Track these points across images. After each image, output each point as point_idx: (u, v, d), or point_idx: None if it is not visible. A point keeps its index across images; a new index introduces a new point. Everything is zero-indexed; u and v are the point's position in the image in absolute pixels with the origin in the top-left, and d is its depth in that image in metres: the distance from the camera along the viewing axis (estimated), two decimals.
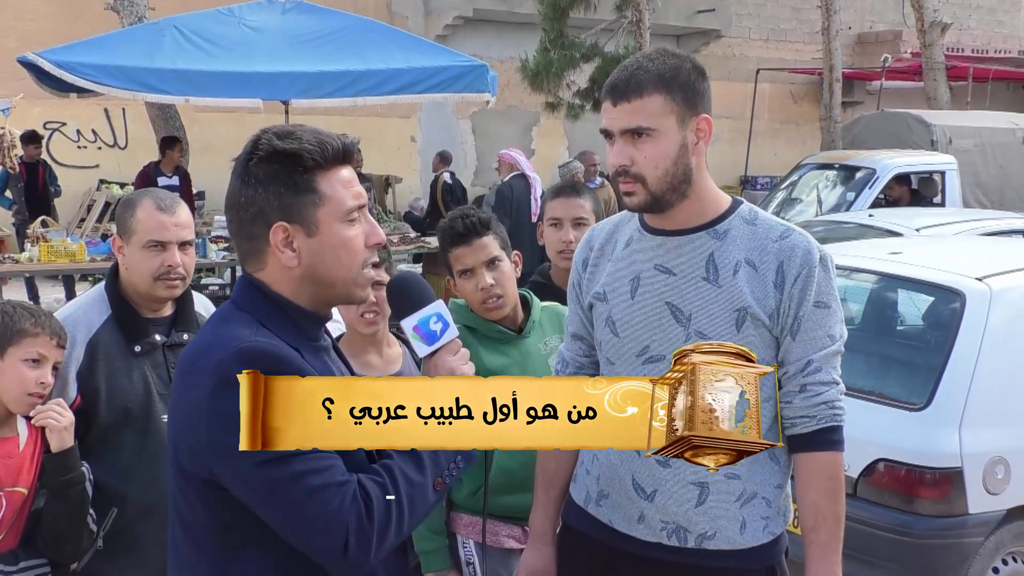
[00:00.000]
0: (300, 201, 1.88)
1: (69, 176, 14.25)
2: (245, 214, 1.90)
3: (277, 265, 1.91)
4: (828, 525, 2.36)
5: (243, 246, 1.95)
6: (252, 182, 1.88)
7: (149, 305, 3.01)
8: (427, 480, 1.87)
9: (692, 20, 20.00)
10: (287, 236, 1.88)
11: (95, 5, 12.52)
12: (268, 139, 1.89)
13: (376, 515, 1.78)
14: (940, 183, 11.52)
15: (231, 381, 1.71)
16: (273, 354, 1.79)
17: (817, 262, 2.34)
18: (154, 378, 2.95)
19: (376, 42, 9.93)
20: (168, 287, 2.96)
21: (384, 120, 16.89)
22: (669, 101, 2.28)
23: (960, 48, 22.07)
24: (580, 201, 3.77)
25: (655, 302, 2.37)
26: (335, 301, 2.00)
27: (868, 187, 11.05)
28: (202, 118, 14.13)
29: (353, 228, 1.93)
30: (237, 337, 1.82)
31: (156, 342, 2.99)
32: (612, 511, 2.48)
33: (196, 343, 1.96)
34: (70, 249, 9.16)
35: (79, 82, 8.88)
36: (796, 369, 2.35)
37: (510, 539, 3.05)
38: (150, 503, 2.89)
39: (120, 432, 2.92)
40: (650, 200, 2.32)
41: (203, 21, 9.67)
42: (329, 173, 1.90)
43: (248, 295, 1.94)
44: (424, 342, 2.02)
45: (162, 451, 2.80)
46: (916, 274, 4.94)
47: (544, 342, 3.14)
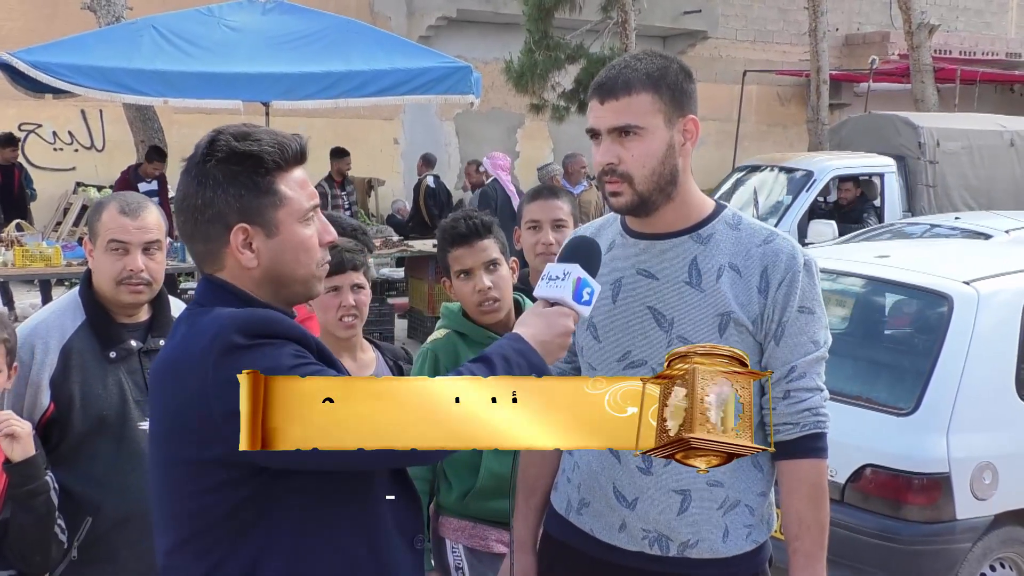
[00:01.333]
0: (261, 203, 1.89)
1: (45, 179, 14.14)
2: (202, 216, 1.90)
3: (236, 266, 1.92)
4: (812, 533, 2.34)
5: (198, 248, 1.95)
6: (210, 183, 1.88)
7: (122, 310, 2.95)
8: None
9: (678, 21, 19.99)
10: (247, 237, 1.89)
11: (71, 4, 12.41)
12: (226, 140, 1.89)
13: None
14: (879, 185, 11.56)
15: (233, 347, 1.75)
16: (265, 315, 1.84)
17: (801, 267, 2.33)
18: (130, 385, 2.90)
19: (358, 43, 9.85)
20: (131, 292, 2.90)
21: (367, 122, 16.84)
22: (657, 100, 2.27)
23: (947, 50, 22.11)
24: (559, 203, 3.73)
25: (637, 307, 2.36)
26: (294, 299, 2.01)
27: (806, 190, 11.04)
28: (181, 120, 14.00)
29: (309, 228, 1.95)
30: (223, 313, 1.83)
31: (131, 348, 2.93)
32: (593, 520, 2.46)
33: (172, 349, 1.93)
34: (46, 253, 9.06)
35: (55, 83, 8.77)
36: (780, 375, 2.33)
37: (499, 543, 3.04)
38: (126, 513, 2.84)
39: (95, 440, 2.87)
40: (636, 200, 2.30)
41: (182, 21, 9.57)
42: (287, 174, 1.93)
43: (214, 293, 1.93)
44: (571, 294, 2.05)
45: (138, 460, 2.79)
46: (903, 278, 4.95)
47: None
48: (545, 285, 2.08)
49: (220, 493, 1.83)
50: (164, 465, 1.92)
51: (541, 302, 2.08)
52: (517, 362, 1.89)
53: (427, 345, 3.07)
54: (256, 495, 1.83)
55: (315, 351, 1.87)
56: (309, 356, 1.83)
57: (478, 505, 3.02)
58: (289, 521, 1.86)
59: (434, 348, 3.07)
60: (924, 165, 12.65)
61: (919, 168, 12.65)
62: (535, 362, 1.92)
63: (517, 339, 1.96)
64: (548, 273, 2.10)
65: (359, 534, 1.93)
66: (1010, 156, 13.28)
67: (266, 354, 1.77)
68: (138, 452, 2.81)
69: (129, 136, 12.22)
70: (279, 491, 1.83)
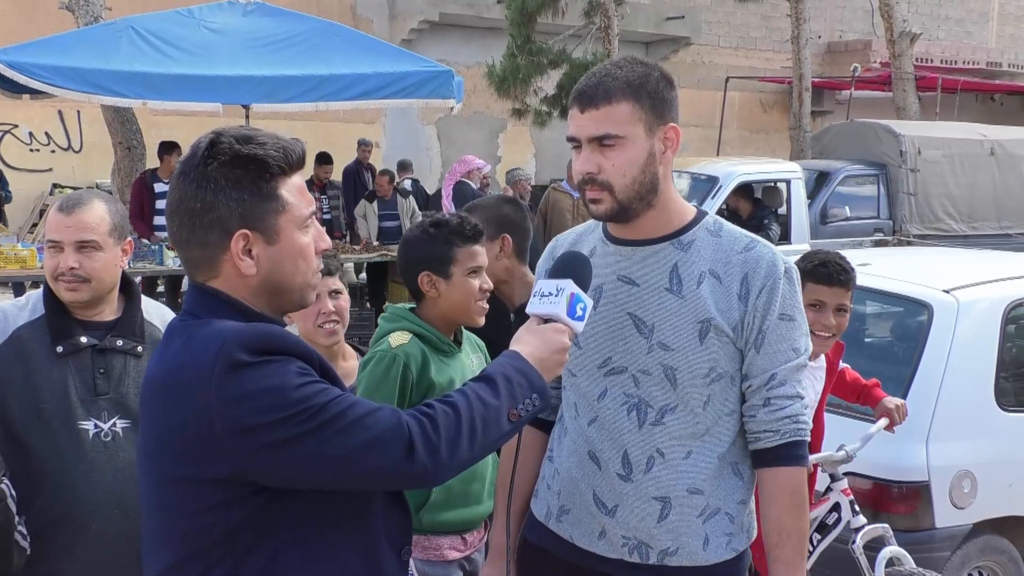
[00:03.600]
0: (263, 208, 1.84)
1: (20, 180, 14.04)
2: (200, 220, 1.82)
3: (233, 273, 1.85)
4: (792, 541, 2.33)
5: (194, 253, 1.87)
6: (211, 187, 1.81)
7: (79, 308, 2.90)
8: (501, 405, 1.88)
9: (661, 27, 20.02)
10: (247, 244, 1.83)
11: (49, 4, 12.27)
12: (228, 143, 1.83)
13: (442, 427, 1.79)
14: (785, 192, 11.33)
15: (236, 364, 1.71)
16: (267, 331, 1.79)
17: (782, 274, 2.33)
18: (76, 382, 2.83)
19: (340, 46, 9.78)
20: (68, 290, 2.85)
21: (348, 125, 16.77)
22: (637, 109, 2.26)
23: (929, 59, 22.24)
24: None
25: (617, 313, 2.35)
26: (288, 308, 1.96)
27: (711, 196, 10.75)
28: (160, 121, 13.89)
29: (307, 235, 1.91)
30: (223, 330, 1.78)
31: (81, 344, 2.86)
32: (573, 527, 2.46)
33: (166, 363, 1.86)
34: (20, 255, 8.95)
35: (32, 83, 8.65)
36: (760, 383, 2.33)
37: (452, 550, 3.08)
38: (62, 513, 2.76)
39: (30, 433, 2.78)
40: (616, 208, 2.30)
41: (161, 22, 9.46)
42: (288, 180, 1.88)
43: (205, 303, 1.87)
44: (565, 310, 2.06)
45: (79, 460, 2.74)
46: (884, 286, 4.94)
47: (471, 359, 3.18)
48: (539, 301, 2.09)
49: (220, 512, 1.79)
50: (157, 483, 1.86)
51: (535, 319, 2.08)
52: (519, 382, 1.92)
53: (394, 349, 2.96)
54: (256, 514, 1.79)
55: (318, 367, 1.84)
56: (313, 373, 1.80)
57: (431, 518, 3.03)
58: (291, 541, 1.82)
59: (405, 356, 2.96)
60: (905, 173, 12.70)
61: (900, 176, 12.71)
62: (535, 382, 1.94)
63: (517, 357, 1.97)
64: (540, 289, 2.11)
65: (359, 550, 1.91)
66: (990, 165, 13.36)
67: (272, 371, 1.74)
68: (80, 452, 2.76)
69: (107, 137, 12.08)
70: (280, 510, 1.80)
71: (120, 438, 2.82)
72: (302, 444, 1.72)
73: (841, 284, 3.64)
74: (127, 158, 11.65)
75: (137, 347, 2.90)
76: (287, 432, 1.71)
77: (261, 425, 1.70)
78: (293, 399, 1.72)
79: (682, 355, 2.29)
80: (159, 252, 9.52)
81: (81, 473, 2.76)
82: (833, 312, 3.64)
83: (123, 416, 2.83)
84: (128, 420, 2.82)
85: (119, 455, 2.79)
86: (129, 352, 2.89)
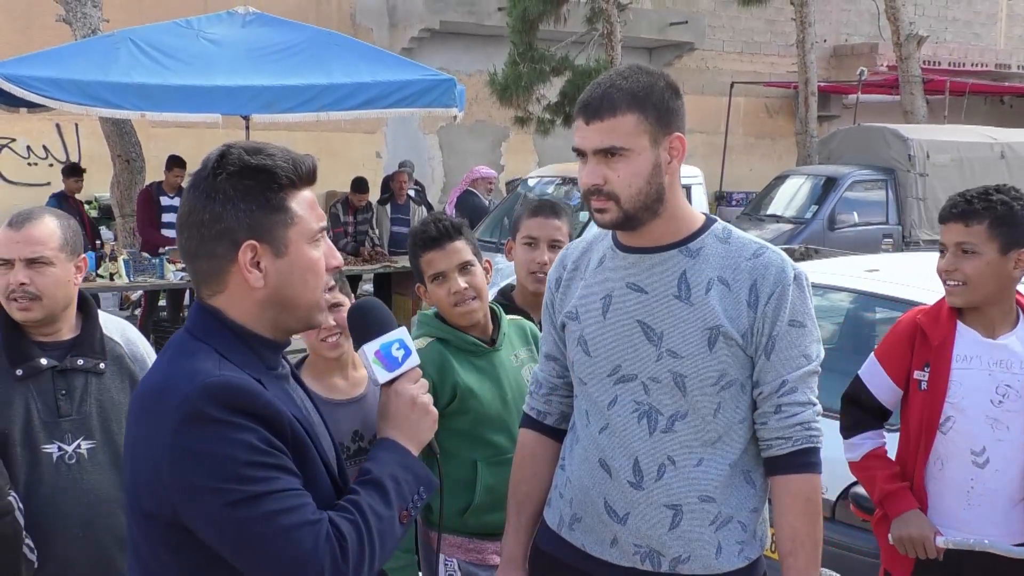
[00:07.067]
0: (271, 220, 1.82)
1: (18, 194, 14.04)
2: (209, 231, 1.81)
3: (240, 287, 1.83)
4: (806, 549, 2.34)
5: (202, 265, 1.85)
6: (220, 198, 1.80)
7: (35, 328, 2.84)
8: (394, 513, 1.87)
9: (665, 33, 19.94)
10: (255, 255, 1.81)
11: (46, 17, 12.29)
12: (238, 154, 1.82)
13: (350, 554, 1.76)
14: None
15: (198, 416, 1.69)
16: (239, 387, 1.74)
17: (791, 280, 2.34)
18: (37, 404, 2.78)
19: (340, 55, 9.74)
20: (20, 309, 2.79)
21: (349, 135, 16.75)
22: (643, 120, 2.27)
23: (936, 61, 22.15)
24: (558, 222, 3.65)
25: (627, 320, 2.37)
26: (295, 327, 1.93)
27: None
28: (159, 133, 13.89)
29: (317, 250, 1.89)
30: (200, 371, 1.75)
31: (40, 366, 2.81)
32: (585, 535, 2.48)
33: (153, 378, 1.85)
34: None
35: (30, 96, 8.61)
36: (771, 389, 2.34)
37: (495, 555, 3.04)
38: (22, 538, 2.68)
39: None
40: (622, 218, 2.32)
41: (160, 34, 9.42)
42: (298, 193, 1.86)
43: (205, 324, 1.86)
44: (385, 368, 2.03)
45: (43, 482, 2.72)
46: (893, 292, 4.91)
47: (515, 354, 3.17)
48: (370, 376, 2.06)
49: (173, 551, 1.77)
50: (128, 504, 1.84)
51: (382, 391, 2.05)
52: (405, 479, 1.91)
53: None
54: (206, 565, 1.76)
55: (288, 432, 1.78)
56: (271, 451, 1.73)
57: (476, 520, 3.03)
58: None
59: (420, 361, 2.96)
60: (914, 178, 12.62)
61: (909, 181, 12.62)
62: (420, 475, 1.95)
63: (396, 449, 1.96)
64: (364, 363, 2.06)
65: None
66: (1000, 168, 13.26)
67: (229, 437, 1.70)
68: (43, 476, 2.73)
69: (105, 150, 12.05)
70: (229, 566, 1.76)
71: (85, 460, 2.79)
72: (225, 521, 1.70)
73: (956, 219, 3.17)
74: (126, 171, 11.64)
75: (99, 364, 2.86)
76: (217, 502, 1.68)
77: (198, 486, 1.68)
78: (235, 475, 1.68)
79: (691, 362, 2.29)
80: (159, 265, 9.46)
81: (43, 497, 2.73)
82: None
83: (87, 437, 2.79)
84: (92, 441, 2.79)
85: (84, 477, 2.77)
86: (91, 371, 2.85)
